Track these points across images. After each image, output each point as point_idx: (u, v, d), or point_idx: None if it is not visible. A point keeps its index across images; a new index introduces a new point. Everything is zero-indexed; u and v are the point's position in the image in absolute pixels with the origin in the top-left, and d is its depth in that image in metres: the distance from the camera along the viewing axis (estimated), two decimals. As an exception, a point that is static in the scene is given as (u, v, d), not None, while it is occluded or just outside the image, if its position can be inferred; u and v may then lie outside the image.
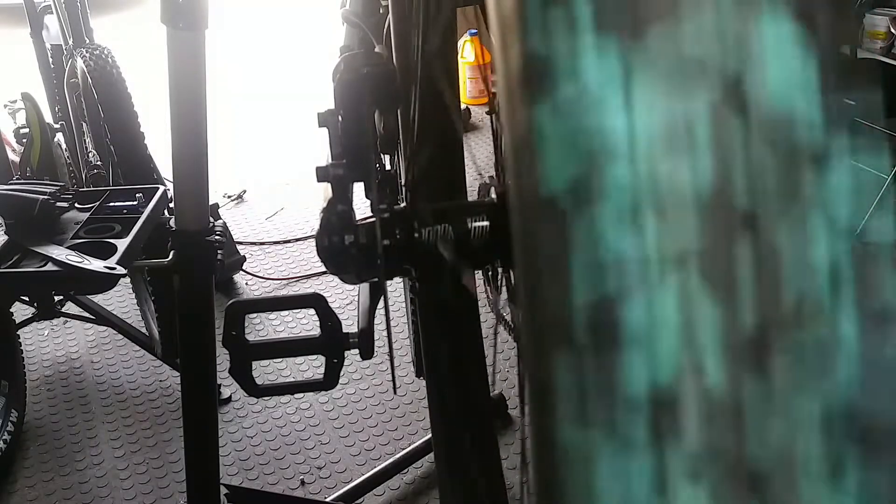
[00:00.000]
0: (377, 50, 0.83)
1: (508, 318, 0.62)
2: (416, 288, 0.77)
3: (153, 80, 1.57)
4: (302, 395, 1.61)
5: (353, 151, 0.61)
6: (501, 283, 0.63)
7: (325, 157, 0.69)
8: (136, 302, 1.78)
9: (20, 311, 1.64)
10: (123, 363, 1.74)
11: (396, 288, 1.83)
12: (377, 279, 0.65)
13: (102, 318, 1.67)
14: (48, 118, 1.86)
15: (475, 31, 2.81)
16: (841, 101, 0.23)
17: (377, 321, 0.77)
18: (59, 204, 1.12)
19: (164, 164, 1.19)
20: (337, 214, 0.59)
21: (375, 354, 0.78)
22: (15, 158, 1.85)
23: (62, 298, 1.62)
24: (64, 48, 1.63)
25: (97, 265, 0.98)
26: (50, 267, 0.99)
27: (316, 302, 0.78)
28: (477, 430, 0.79)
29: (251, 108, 3.28)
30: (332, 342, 0.77)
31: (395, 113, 0.74)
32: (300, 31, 4.32)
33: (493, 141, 0.75)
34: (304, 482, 1.42)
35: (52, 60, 1.85)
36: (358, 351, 0.77)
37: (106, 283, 0.99)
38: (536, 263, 0.24)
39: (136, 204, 1.14)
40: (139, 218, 1.09)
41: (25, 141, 1.78)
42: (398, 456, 1.43)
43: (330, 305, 0.78)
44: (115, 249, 1.02)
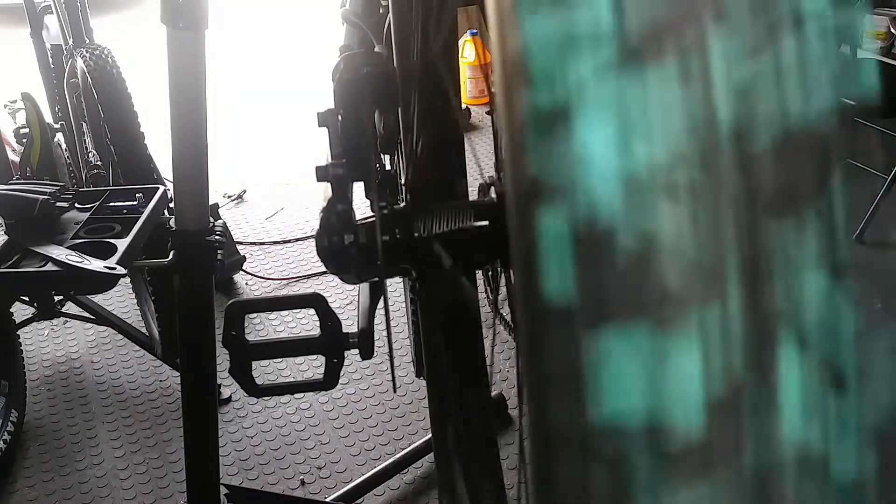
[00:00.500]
0: (377, 50, 0.82)
1: (508, 317, 0.62)
2: (415, 288, 0.77)
3: (153, 80, 1.57)
4: (302, 395, 1.61)
5: (353, 151, 0.61)
6: (501, 283, 0.62)
7: (325, 157, 0.69)
8: (136, 302, 1.79)
9: (20, 311, 1.63)
10: (123, 363, 1.74)
11: (396, 288, 1.83)
12: (377, 279, 0.65)
13: (102, 318, 1.67)
14: (48, 118, 1.86)
15: (475, 31, 2.81)
16: None
17: (377, 321, 0.77)
18: (59, 204, 1.12)
19: (164, 164, 1.19)
20: (337, 214, 0.59)
21: (375, 354, 0.78)
22: (15, 158, 1.85)
23: (62, 298, 1.62)
24: (64, 48, 1.63)
25: (97, 265, 0.98)
26: (50, 267, 0.99)
27: (316, 302, 0.78)
28: (477, 430, 0.79)
29: (251, 108, 3.28)
30: (332, 342, 0.77)
31: (395, 113, 0.74)
32: (300, 31, 4.32)
33: (493, 141, 0.75)
34: (304, 482, 1.42)
35: (52, 60, 1.84)
36: (358, 351, 0.77)
37: (106, 283, 0.99)
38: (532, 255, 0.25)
39: (136, 204, 1.14)
40: (139, 218, 1.09)
41: (25, 141, 1.78)
42: (398, 456, 1.43)
43: (330, 305, 0.78)
44: (115, 249, 1.02)
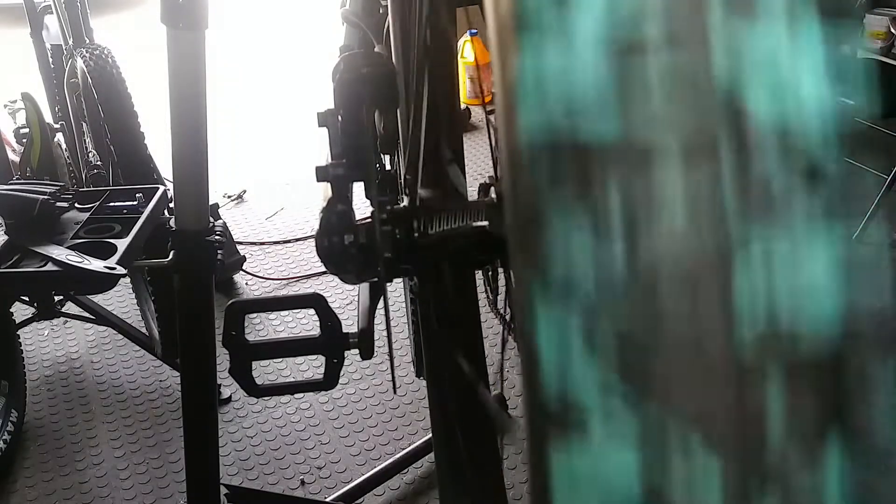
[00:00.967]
0: (377, 50, 0.83)
1: (508, 317, 0.62)
2: (416, 288, 0.77)
3: (153, 80, 1.57)
4: (302, 395, 1.61)
5: (352, 151, 0.61)
6: (501, 282, 0.63)
7: (325, 157, 0.69)
8: (136, 302, 1.79)
9: (20, 311, 1.63)
10: (123, 363, 1.74)
11: (396, 288, 1.83)
12: (377, 279, 0.65)
13: (102, 318, 1.67)
14: (48, 118, 1.86)
15: (475, 31, 2.81)
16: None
17: (377, 321, 0.77)
18: (59, 204, 1.12)
19: (164, 164, 1.19)
20: (337, 214, 0.59)
21: (375, 354, 0.78)
22: (15, 158, 1.85)
23: (62, 298, 1.62)
24: (64, 48, 1.63)
25: (97, 265, 0.98)
26: (50, 267, 0.99)
27: (316, 302, 0.78)
28: (477, 430, 0.79)
29: (251, 107, 3.28)
30: (332, 342, 0.77)
31: (394, 113, 0.74)
32: (300, 31, 4.32)
33: (493, 141, 0.75)
34: (304, 482, 1.42)
35: (52, 60, 1.84)
36: (358, 351, 0.77)
37: (106, 283, 0.99)
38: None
39: (136, 204, 1.14)
40: (139, 218, 1.09)
41: (25, 141, 1.78)
42: (398, 456, 1.43)
43: (330, 305, 0.78)
44: (115, 249, 1.02)
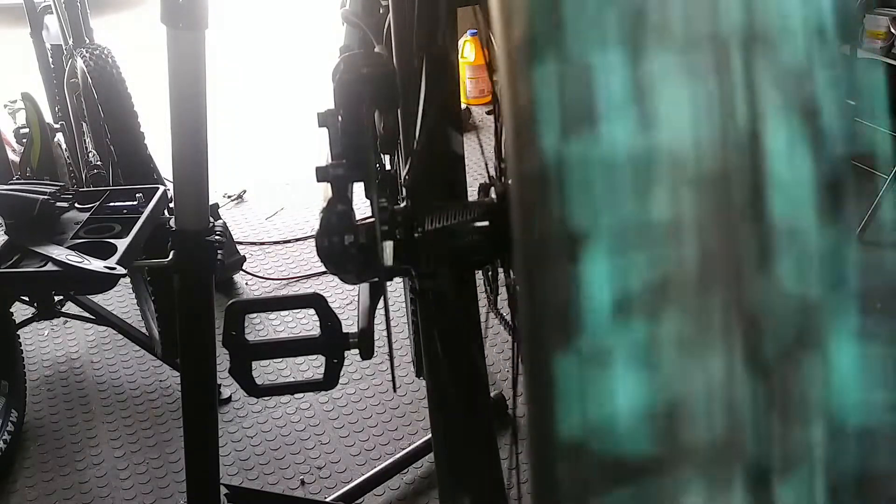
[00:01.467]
0: (377, 50, 0.82)
1: (508, 317, 0.62)
2: (416, 288, 0.77)
3: (153, 80, 1.57)
4: (302, 395, 1.61)
5: (352, 151, 0.61)
6: (501, 282, 0.62)
7: (325, 157, 0.69)
8: (136, 302, 1.79)
9: (20, 311, 1.63)
10: (123, 363, 1.74)
11: (396, 288, 1.83)
12: (377, 279, 0.65)
13: (102, 318, 1.67)
14: (48, 118, 1.86)
15: (475, 31, 2.81)
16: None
17: (377, 321, 0.77)
18: (59, 204, 1.12)
19: (164, 164, 1.19)
20: (337, 214, 0.59)
21: (375, 354, 0.78)
22: (15, 158, 1.85)
23: (62, 298, 1.62)
24: (64, 48, 1.63)
25: (97, 265, 0.98)
26: (50, 267, 0.99)
27: (316, 302, 0.78)
28: (477, 430, 0.79)
29: (251, 107, 3.28)
30: (332, 342, 0.77)
31: (395, 113, 0.74)
32: (300, 31, 4.32)
33: (494, 141, 0.75)
34: (304, 482, 1.42)
35: (52, 60, 1.84)
36: (358, 351, 0.77)
37: (106, 283, 0.99)
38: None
39: (136, 204, 1.14)
40: (139, 218, 1.09)
41: (25, 141, 1.78)
42: (398, 456, 1.43)
43: (330, 305, 0.78)
44: (115, 249, 1.02)
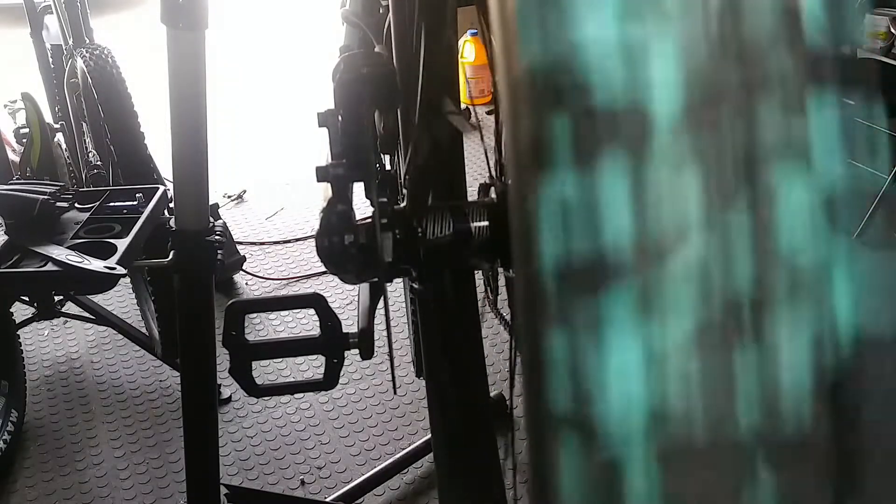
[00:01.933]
0: (377, 50, 0.82)
1: (508, 317, 0.62)
2: (416, 288, 0.77)
3: (153, 80, 1.57)
4: (302, 395, 1.61)
5: (352, 151, 0.61)
6: (501, 283, 0.63)
7: (325, 157, 0.69)
8: (136, 302, 1.78)
9: (20, 311, 1.63)
10: (123, 363, 1.74)
11: (396, 288, 1.83)
12: (377, 279, 0.65)
13: (102, 318, 1.67)
14: (48, 118, 1.86)
15: (475, 31, 2.81)
16: None
17: (377, 321, 0.77)
18: (59, 204, 1.12)
19: (164, 164, 1.19)
20: (337, 214, 0.59)
21: (375, 354, 0.78)
22: (15, 158, 1.85)
23: (62, 298, 1.62)
24: (64, 48, 1.63)
25: (97, 265, 0.98)
26: (50, 267, 0.99)
27: (316, 302, 0.78)
28: (477, 430, 0.79)
29: (251, 107, 3.28)
30: (332, 342, 0.77)
31: (395, 113, 0.74)
32: (300, 31, 4.32)
33: (494, 141, 0.75)
34: (304, 482, 1.42)
35: (52, 60, 1.84)
36: (358, 351, 0.77)
37: (106, 283, 0.99)
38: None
39: (136, 204, 1.14)
40: (139, 218, 1.09)
41: (25, 141, 1.78)
42: (398, 456, 1.43)
43: (330, 305, 0.78)
44: (115, 249, 1.02)
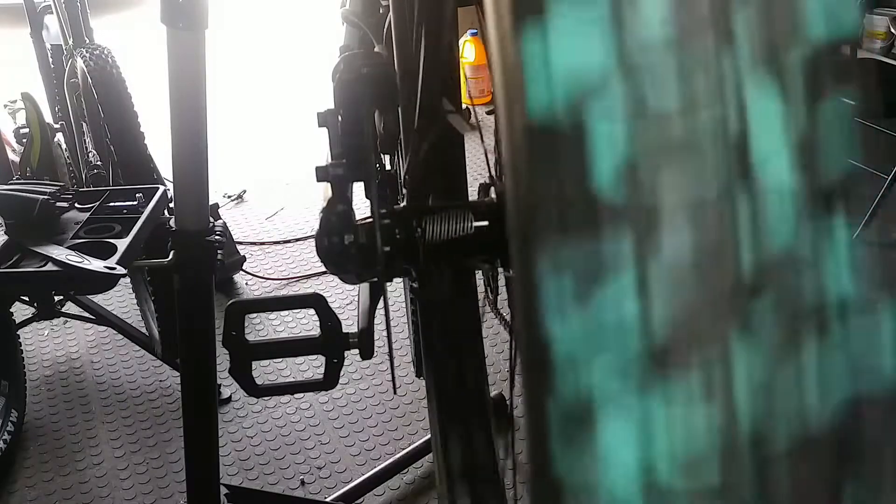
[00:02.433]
0: (377, 50, 0.83)
1: (508, 317, 0.62)
2: (416, 288, 0.77)
3: (153, 80, 1.57)
4: (302, 395, 1.61)
5: (352, 151, 0.61)
6: (501, 282, 0.62)
7: (325, 157, 0.69)
8: (136, 302, 1.78)
9: (20, 311, 1.63)
10: (123, 363, 1.74)
11: (396, 288, 1.83)
12: (377, 279, 0.65)
13: (102, 318, 1.67)
14: (48, 118, 1.86)
15: (475, 31, 2.81)
16: None
17: (377, 321, 0.77)
18: (59, 204, 1.12)
19: (164, 164, 1.19)
20: (337, 214, 0.59)
21: (375, 354, 0.78)
22: (15, 158, 1.85)
23: (62, 298, 1.62)
24: (64, 48, 1.63)
25: (97, 265, 0.98)
26: (50, 267, 0.99)
27: (316, 302, 0.78)
28: (477, 430, 0.79)
29: (251, 107, 3.28)
30: (332, 342, 0.77)
31: (395, 113, 0.74)
32: (300, 31, 4.32)
33: (494, 141, 0.75)
34: (304, 482, 1.42)
35: (52, 60, 1.84)
36: (358, 351, 0.77)
37: (106, 283, 0.99)
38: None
39: (136, 204, 1.14)
40: (139, 218, 1.09)
41: (25, 141, 1.78)
42: (398, 456, 1.43)
43: (330, 305, 0.78)
44: (115, 249, 1.02)
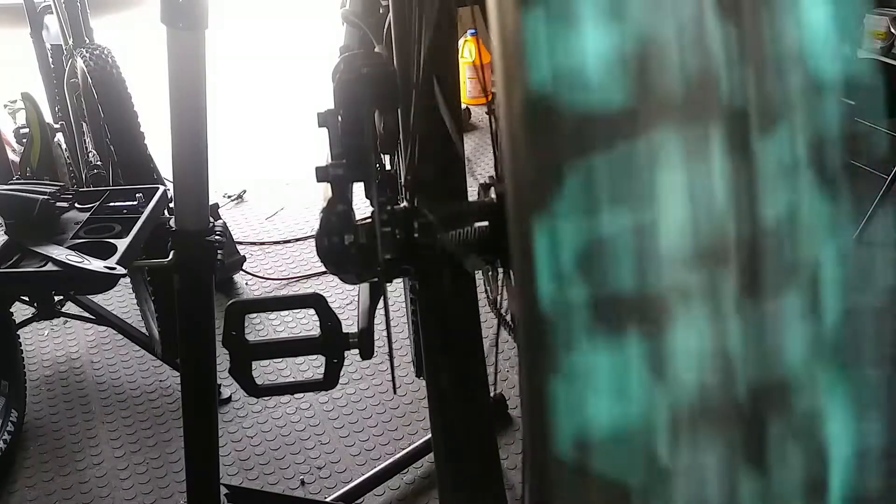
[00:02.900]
0: (377, 50, 0.83)
1: (508, 317, 0.61)
2: (415, 288, 0.77)
3: (153, 80, 1.57)
4: (302, 395, 1.61)
5: (352, 151, 0.61)
6: (501, 282, 0.62)
7: (325, 157, 0.69)
8: (136, 302, 1.78)
9: (20, 311, 1.63)
10: (123, 363, 1.74)
11: (396, 288, 1.83)
12: (377, 279, 0.65)
13: (102, 318, 1.67)
14: (48, 118, 1.86)
15: (475, 31, 2.81)
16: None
17: (377, 321, 0.77)
18: (59, 204, 1.12)
19: (164, 164, 1.19)
20: (337, 214, 0.59)
21: (375, 354, 0.78)
22: (15, 158, 1.85)
23: (62, 298, 1.62)
24: (64, 48, 1.63)
25: (97, 265, 0.98)
26: (50, 267, 0.99)
27: (316, 302, 0.78)
28: (477, 430, 0.79)
29: (251, 107, 3.28)
30: (332, 342, 0.77)
31: (395, 113, 0.74)
32: (300, 31, 4.32)
33: (492, 141, 0.75)
34: (304, 482, 1.42)
35: (52, 60, 1.84)
36: (358, 351, 0.77)
37: (106, 283, 0.99)
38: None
39: (136, 204, 1.14)
40: (139, 218, 1.09)
41: (25, 141, 1.78)
42: (398, 456, 1.43)
43: (330, 305, 0.78)
44: (115, 249, 1.02)
